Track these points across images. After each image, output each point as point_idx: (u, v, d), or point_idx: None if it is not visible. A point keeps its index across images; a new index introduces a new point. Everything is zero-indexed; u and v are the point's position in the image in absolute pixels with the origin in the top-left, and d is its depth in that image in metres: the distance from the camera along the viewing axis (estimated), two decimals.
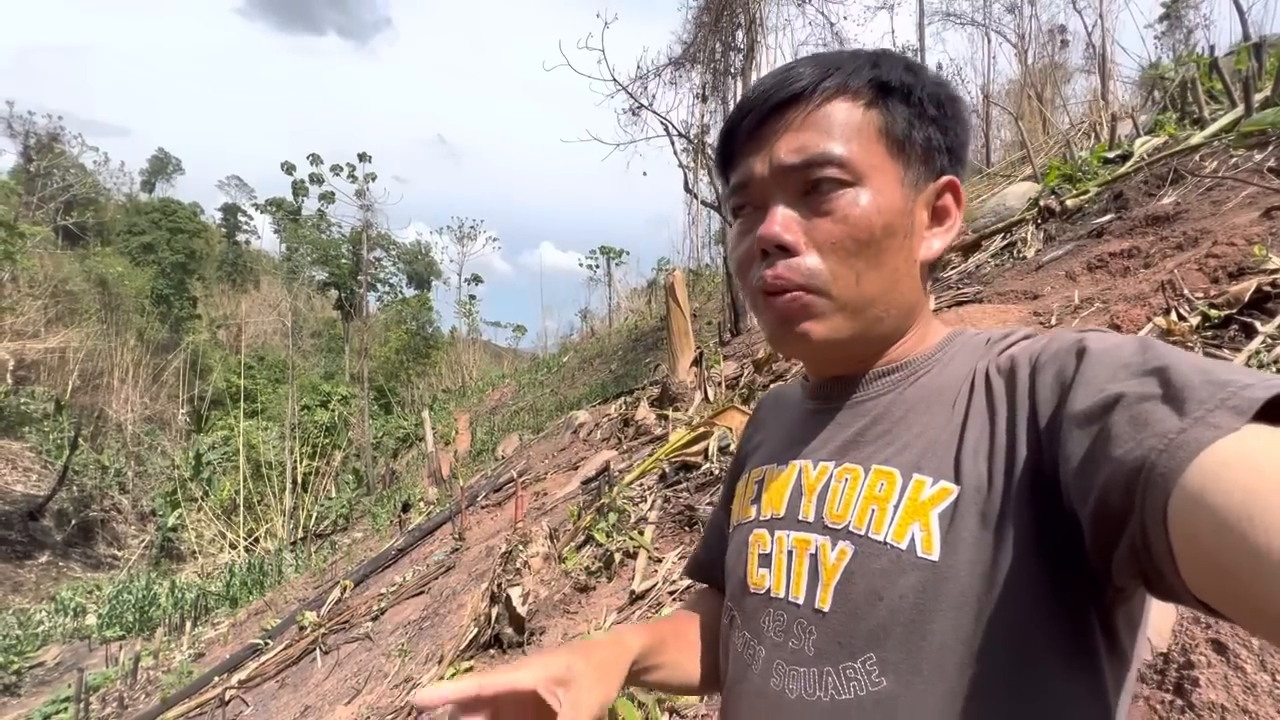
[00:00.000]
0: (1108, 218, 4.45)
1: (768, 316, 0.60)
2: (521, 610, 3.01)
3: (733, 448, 3.68)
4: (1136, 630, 0.50)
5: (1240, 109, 4.65)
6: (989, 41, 14.36)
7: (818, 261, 0.56)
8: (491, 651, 3.05)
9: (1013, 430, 0.50)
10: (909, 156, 0.57)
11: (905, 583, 0.51)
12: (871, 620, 0.52)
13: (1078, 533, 0.43)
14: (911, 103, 0.57)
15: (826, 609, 0.55)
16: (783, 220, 0.57)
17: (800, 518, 0.60)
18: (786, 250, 0.57)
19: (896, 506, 0.53)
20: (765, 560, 0.62)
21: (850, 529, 0.55)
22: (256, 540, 15.63)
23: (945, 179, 0.59)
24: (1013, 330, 0.59)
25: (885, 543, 0.53)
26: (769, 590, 0.60)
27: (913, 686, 0.49)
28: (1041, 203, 5.27)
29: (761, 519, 0.64)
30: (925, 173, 0.58)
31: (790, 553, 0.59)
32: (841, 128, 0.56)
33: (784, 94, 0.57)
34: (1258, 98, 4.61)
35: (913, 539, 0.51)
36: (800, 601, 0.57)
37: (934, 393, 0.57)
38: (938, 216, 0.60)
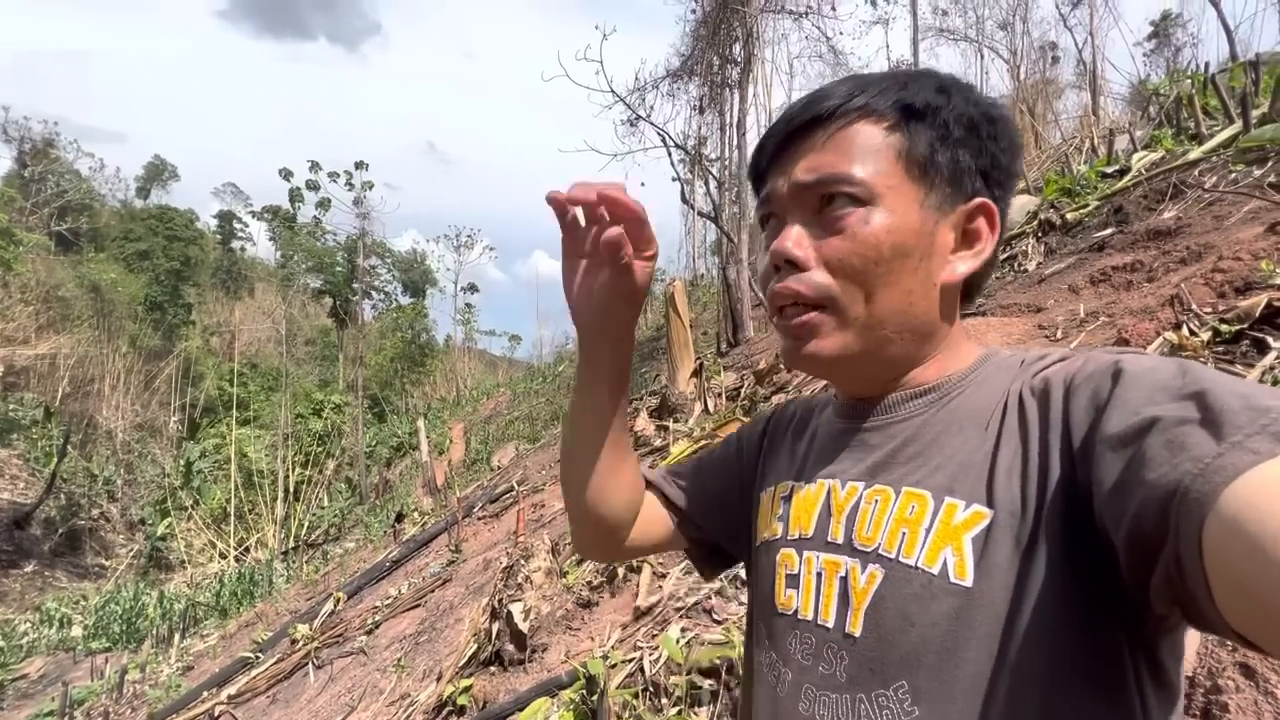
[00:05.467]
0: (1108, 231, 4.46)
1: (780, 335, 0.62)
2: (523, 626, 2.95)
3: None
4: (1181, 661, 0.48)
5: (1238, 125, 4.69)
6: (982, 57, 14.54)
7: (826, 277, 0.57)
8: (492, 668, 2.98)
9: (1046, 452, 0.49)
10: (932, 179, 0.57)
11: (937, 609, 0.49)
12: (903, 647, 0.51)
13: (1113, 557, 0.42)
14: (937, 124, 0.57)
15: (858, 634, 0.54)
16: (794, 237, 0.58)
17: (829, 539, 0.59)
18: (796, 265, 0.58)
19: (928, 530, 0.52)
20: (793, 581, 0.61)
21: (880, 551, 0.54)
22: (247, 550, 15.45)
23: (976, 201, 0.58)
24: (1048, 352, 0.58)
25: (916, 567, 0.52)
26: (797, 612, 0.59)
27: (946, 717, 0.48)
28: (1041, 216, 5.28)
29: (789, 538, 0.63)
30: (952, 195, 0.57)
31: (819, 574, 0.58)
32: (860, 149, 0.57)
33: (808, 115, 0.58)
34: (1255, 113, 4.66)
35: (945, 564, 0.50)
36: (830, 625, 0.56)
37: (967, 414, 0.56)
38: (968, 239, 0.59)
